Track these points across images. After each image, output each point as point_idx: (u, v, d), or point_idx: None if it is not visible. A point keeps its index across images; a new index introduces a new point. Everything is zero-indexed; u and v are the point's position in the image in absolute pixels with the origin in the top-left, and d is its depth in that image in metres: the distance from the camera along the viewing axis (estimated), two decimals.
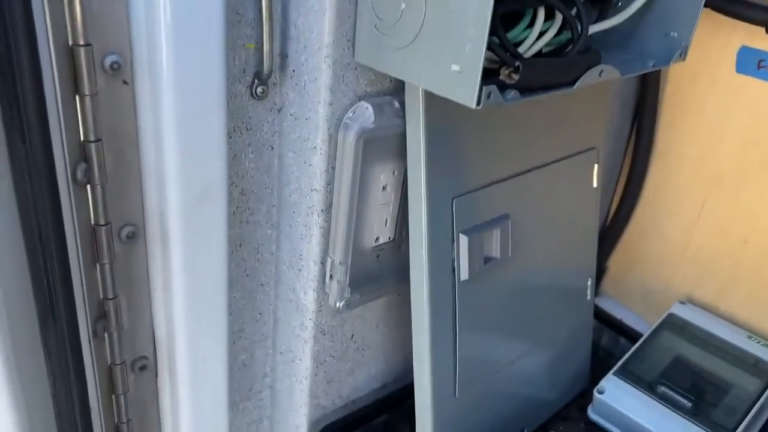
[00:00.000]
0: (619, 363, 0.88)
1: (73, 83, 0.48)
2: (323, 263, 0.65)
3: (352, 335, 0.73)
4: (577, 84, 0.55)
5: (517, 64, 0.50)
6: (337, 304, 0.65)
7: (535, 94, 0.52)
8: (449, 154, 0.62)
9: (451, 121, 0.61)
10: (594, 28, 0.65)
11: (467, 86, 0.47)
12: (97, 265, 0.56)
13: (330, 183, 0.61)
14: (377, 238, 0.67)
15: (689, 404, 0.81)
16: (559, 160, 0.76)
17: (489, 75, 0.51)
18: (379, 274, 0.69)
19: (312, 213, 0.63)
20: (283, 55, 0.59)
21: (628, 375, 0.86)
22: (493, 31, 0.51)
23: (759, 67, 0.82)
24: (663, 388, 0.83)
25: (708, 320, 0.92)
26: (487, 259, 0.68)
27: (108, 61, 0.50)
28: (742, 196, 0.88)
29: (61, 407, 0.57)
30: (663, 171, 0.95)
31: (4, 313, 0.52)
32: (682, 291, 0.98)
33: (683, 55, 0.67)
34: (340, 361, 0.74)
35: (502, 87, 0.50)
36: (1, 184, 0.48)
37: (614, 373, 0.86)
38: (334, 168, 0.60)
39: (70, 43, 0.47)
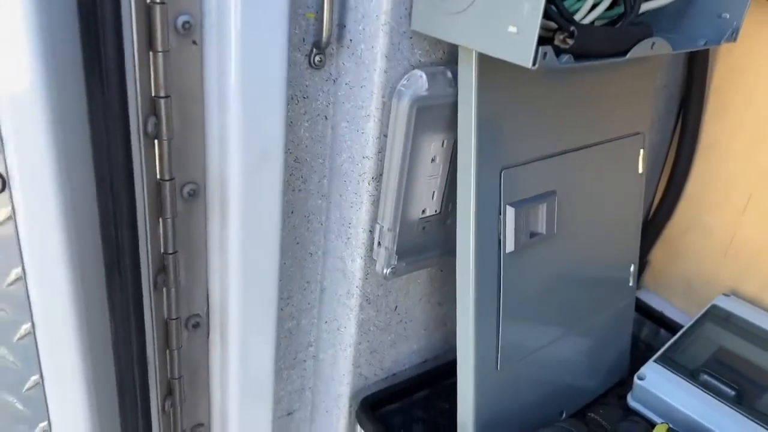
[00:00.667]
0: (660, 351, 0.87)
1: (148, 39, 0.51)
2: (371, 231, 0.67)
3: (396, 307, 0.75)
4: (629, 54, 0.56)
5: (572, 29, 0.51)
6: (384, 270, 0.66)
7: (589, 60, 0.53)
8: (500, 124, 0.63)
9: (502, 92, 0.62)
10: (646, 6, 0.66)
11: (524, 46, 0.48)
12: (161, 220, 0.59)
13: (381, 151, 0.63)
14: (424, 210, 0.69)
15: (733, 393, 0.80)
16: (605, 142, 0.77)
17: (543, 43, 0.53)
18: (425, 245, 0.70)
19: (363, 180, 0.65)
20: (341, 26, 0.61)
21: (670, 363, 0.85)
22: None
23: None
24: (705, 377, 0.83)
25: (752, 312, 0.91)
26: (533, 234, 0.69)
27: (180, 20, 0.53)
28: None
29: (121, 357, 0.60)
30: (708, 164, 0.95)
31: (76, 260, 0.54)
32: (726, 285, 0.97)
33: (734, 35, 0.67)
34: (384, 331, 0.75)
35: (557, 52, 0.52)
36: (80, 132, 0.51)
37: (655, 360, 0.86)
38: (386, 136, 0.62)
39: (148, 0, 0.50)
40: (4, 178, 0.50)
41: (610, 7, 0.60)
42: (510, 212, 0.66)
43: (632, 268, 0.88)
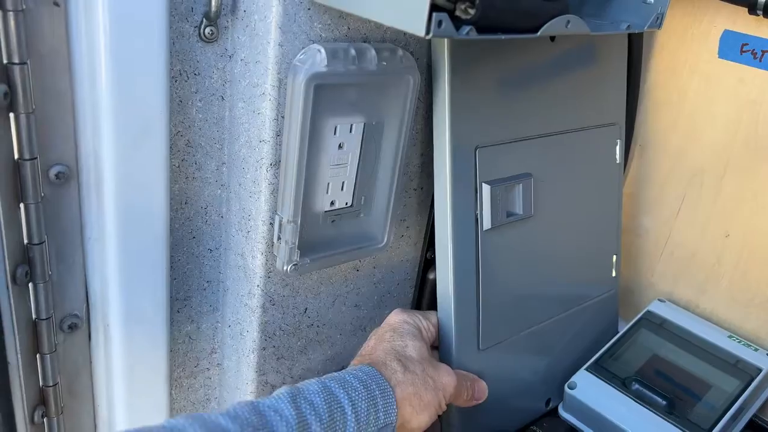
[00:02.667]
0: (592, 359, 0.83)
1: None
2: (272, 223, 0.61)
3: (306, 309, 0.69)
4: (541, 31, 0.52)
5: None
6: (285, 267, 0.60)
7: (494, 34, 0.49)
8: (473, 103, 0.65)
9: (476, 71, 0.64)
10: None
11: (417, 13, 0.44)
12: (21, 205, 0.52)
13: (279, 134, 0.57)
14: (333, 202, 0.63)
15: (664, 403, 0.76)
16: (581, 130, 0.79)
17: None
18: (334, 240, 0.65)
19: (260, 167, 0.59)
20: None
21: (601, 371, 0.81)
22: None
23: (742, 51, 0.79)
24: (637, 386, 0.79)
25: (687, 318, 0.88)
26: (510, 214, 0.71)
27: None
28: (723, 189, 0.84)
29: None
30: (644, 164, 0.92)
31: None
32: (663, 289, 0.93)
33: (659, 21, 0.64)
34: (292, 336, 0.69)
35: (461, 23, 0.47)
36: None
37: (586, 369, 0.82)
38: (284, 117, 0.56)
39: None
40: None
41: None
42: (486, 189, 0.66)
43: (614, 259, 0.90)
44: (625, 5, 0.66)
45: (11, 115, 0.49)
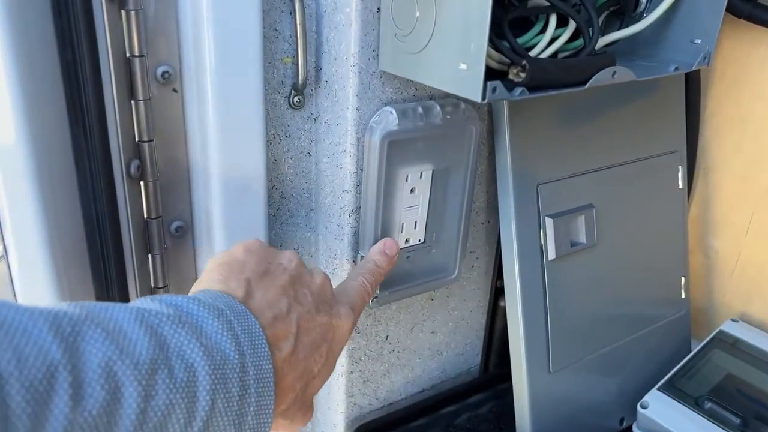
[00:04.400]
0: (665, 378, 0.86)
1: (129, 90, 0.56)
2: (355, 261, 0.69)
3: (387, 336, 0.76)
4: (588, 83, 0.58)
5: (523, 63, 0.53)
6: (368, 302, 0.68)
7: (545, 91, 0.55)
8: (532, 144, 0.71)
9: (534, 115, 0.70)
10: (615, 35, 0.68)
11: (473, 82, 0.51)
12: (150, 256, 0.63)
13: (359, 184, 0.66)
14: (407, 240, 0.71)
15: (738, 421, 0.78)
16: (642, 160, 0.83)
17: (503, 76, 0.55)
18: (410, 274, 0.72)
19: (344, 213, 0.67)
20: (318, 68, 0.65)
21: (674, 390, 0.84)
22: (502, 35, 0.56)
23: None
24: (710, 404, 0.81)
25: (760, 337, 0.89)
26: (574, 243, 0.76)
27: (160, 71, 0.57)
28: None
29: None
30: (709, 187, 0.94)
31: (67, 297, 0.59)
32: (736, 308, 0.95)
33: (707, 60, 0.68)
34: (376, 361, 0.77)
35: (513, 85, 0.54)
36: (66, 179, 0.55)
37: (659, 389, 0.85)
38: (362, 170, 0.65)
39: (128, 54, 0.54)
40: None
41: (574, 39, 0.62)
42: (549, 222, 0.72)
43: (683, 281, 0.93)
44: (675, 45, 0.70)
45: (141, 183, 0.59)
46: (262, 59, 0.59)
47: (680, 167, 0.88)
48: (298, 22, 0.61)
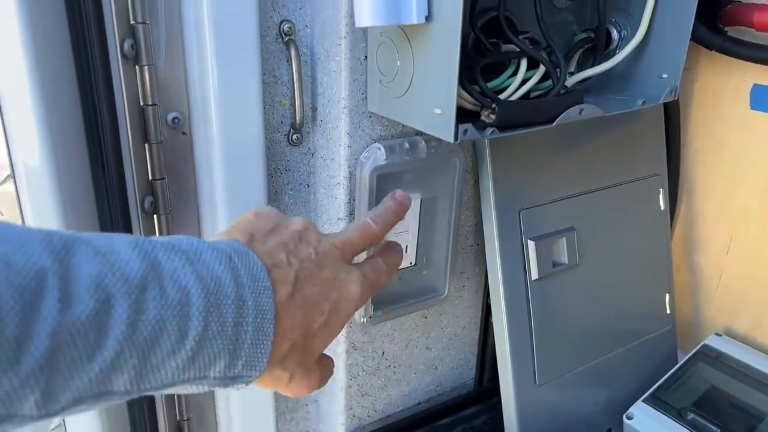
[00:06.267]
0: (649, 391, 0.90)
1: (143, 134, 0.62)
2: None
3: (383, 352, 0.82)
4: (556, 121, 0.64)
5: (493, 105, 0.59)
6: (362, 320, 0.74)
7: (514, 130, 0.61)
8: (514, 172, 0.76)
9: (514, 145, 0.76)
10: (589, 72, 0.73)
11: (446, 125, 0.57)
12: None
13: (352, 213, 0.72)
14: None
15: (718, 431, 0.82)
16: (623, 183, 0.88)
17: (475, 116, 0.62)
18: (402, 294, 0.78)
19: None
20: (314, 108, 0.72)
21: (658, 402, 0.88)
22: (473, 80, 0.62)
23: None
24: (693, 416, 0.85)
25: (744, 352, 0.93)
26: (556, 264, 0.81)
27: (170, 116, 0.64)
28: None
29: None
30: (691, 207, 0.99)
31: None
32: (722, 322, 0.99)
33: (673, 93, 0.74)
34: (373, 376, 0.83)
35: (485, 125, 0.60)
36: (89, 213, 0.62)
37: (644, 400, 0.89)
38: (355, 200, 0.71)
39: (141, 103, 0.61)
40: None
41: (546, 79, 0.68)
42: (531, 245, 0.78)
43: (667, 297, 0.97)
44: (644, 79, 0.76)
45: (155, 216, 0.66)
46: (261, 103, 0.66)
47: (662, 189, 0.93)
48: (294, 69, 0.68)
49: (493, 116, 0.59)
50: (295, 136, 0.72)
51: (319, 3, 0.66)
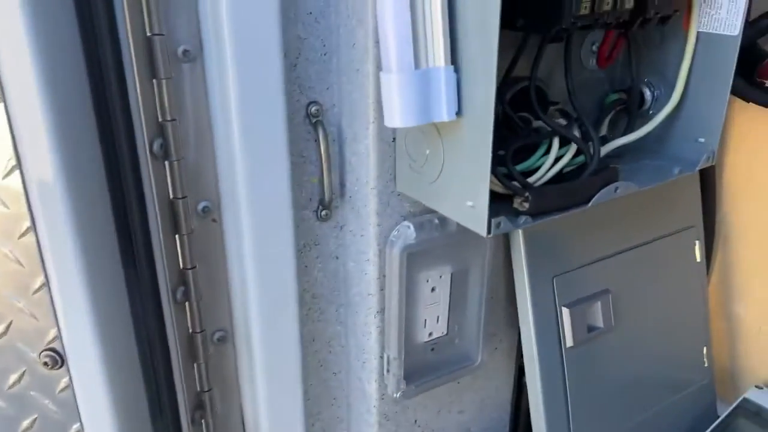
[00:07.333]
0: None
1: (173, 225, 0.62)
2: (382, 358, 0.74)
3: (416, 420, 0.81)
4: (591, 202, 0.62)
5: (526, 194, 0.58)
6: (395, 395, 0.74)
7: (549, 216, 0.60)
8: (546, 240, 0.75)
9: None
10: (622, 141, 0.72)
11: (479, 219, 0.56)
12: (195, 365, 0.69)
13: (383, 288, 0.71)
14: (430, 333, 0.76)
15: None
16: (658, 239, 0.85)
17: (506, 199, 0.60)
18: (435, 365, 0.77)
19: (370, 314, 0.73)
20: (342, 184, 0.71)
21: None
22: (504, 164, 0.61)
23: None
24: None
25: None
26: (591, 328, 0.79)
27: (201, 206, 0.64)
28: None
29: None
30: (728, 255, 0.97)
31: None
32: (759, 373, 0.96)
33: (711, 159, 0.71)
34: None
35: (517, 213, 0.59)
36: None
37: None
38: (385, 276, 0.70)
39: (171, 196, 0.61)
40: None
41: (577, 154, 0.67)
42: (565, 312, 0.76)
43: (705, 350, 0.95)
44: (680, 143, 0.74)
45: (186, 304, 0.66)
46: (290, 185, 0.65)
47: (697, 241, 0.91)
48: (322, 149, 0.67)
49: (526, 204, 0.58)
50: (324, 213, 0.71)
51: (346, 86, 0.65)
